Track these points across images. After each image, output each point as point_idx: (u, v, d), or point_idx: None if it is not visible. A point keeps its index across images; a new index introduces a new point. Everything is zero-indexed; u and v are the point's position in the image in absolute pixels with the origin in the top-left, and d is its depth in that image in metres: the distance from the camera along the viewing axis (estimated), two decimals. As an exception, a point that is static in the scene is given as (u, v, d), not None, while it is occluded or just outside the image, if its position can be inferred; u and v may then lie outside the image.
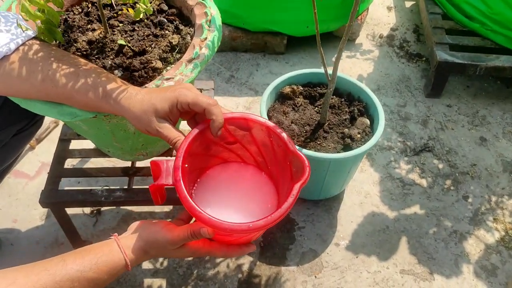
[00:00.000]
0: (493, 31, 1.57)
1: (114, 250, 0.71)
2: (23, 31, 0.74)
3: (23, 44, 0.75)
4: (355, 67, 1.79)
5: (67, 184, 1.37)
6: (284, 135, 0.74)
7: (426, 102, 1.67)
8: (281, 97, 1.32)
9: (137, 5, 0.82)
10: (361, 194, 1.41)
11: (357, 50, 1.86)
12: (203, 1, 0.97)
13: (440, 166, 1.48)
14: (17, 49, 0.74)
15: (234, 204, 0.80)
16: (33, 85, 0.73)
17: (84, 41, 0.92)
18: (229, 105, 1.65)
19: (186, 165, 0.70)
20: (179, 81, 0.83)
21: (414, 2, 2.04)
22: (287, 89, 1.32)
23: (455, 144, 1.54)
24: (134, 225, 0.78)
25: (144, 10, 0.76)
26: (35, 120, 1.05)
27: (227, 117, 0.74)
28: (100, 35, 0.94)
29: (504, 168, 1.49)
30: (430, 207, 1.39)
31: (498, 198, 1.41)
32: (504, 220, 1.36)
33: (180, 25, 0.99)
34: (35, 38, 0.78)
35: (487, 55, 1.55)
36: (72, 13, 1.00)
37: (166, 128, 0.72)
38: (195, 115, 0.75)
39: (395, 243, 1.31)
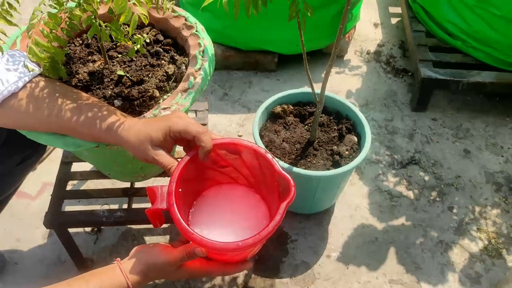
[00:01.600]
0: (474, 48, 1.65)
1: (116, 275, 0.76)
2: (29, 71, 0.79)
3: (30, 81, 0.80)
4: (344, 82, 1.86)
5: (68, 203, 1.42)
6: (269, 156, 0.80)
7: (412, 116, 1.74)
8: (272, 116, 1.38)
9: (136, 36, 0.88)
10: (351, 207, 1.47)
11: (346, 66, 1.93)
12: (196, 32, 1.03)
13: (426, 178, 1.55)
14: (24, 86, 0.80)
15: (229, 224, 0.85)
16: (39, 119, 0.79)
17: (85, 72, 0.98)
18: (223, 122, 1.71)
19: (180, 190, 0.76)
20: (175, 110, 0.89)
21: (399, 19, 2.12)
22: (278, 109, 1.38)
23: (440, 156, 1.61)
24: (134, 250, 0.83)
25: (137, 48, 0.82)
26: (38, 149, 1.10)
27: (217, 142, 0.80)
28: (100, 66, 1.00)
29: (487, 179, 1.55)
30: (417, 218, 1.45)
31: (481, 209, 1.48)
32: (487, 230, 1.42)
33: (175, 55, 1.05)
34: (40, 74, 0.83)
35: (469, 71, 1.63)
36: (73, 44, 1.06)
37: (161, 156, 0.77)
38: (188, 142, 0.81)
39: (384, 253, 1.37)
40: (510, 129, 1.70)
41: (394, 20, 2.14)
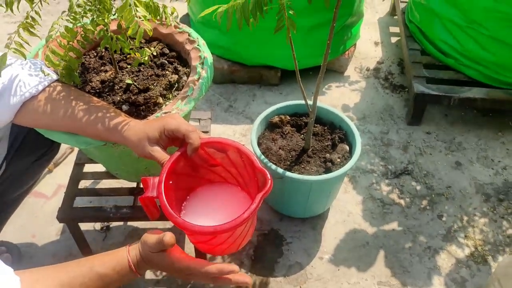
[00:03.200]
0: (465, 66, 1.74)
1: (120, 250, 0.86)
2: (45, 76, 0.91)
3: (49, 85, 0.93)
4: (343, 97, 1.96)
5: (80, 203, 1.53)
6: (251, 154, 0.89)
7: (407, 129, 1.82)
8: (270, 126, 1.48)
9: (143, 49, 1.00)
10: (344, 213, 1.56)
11: (346, 81, 2.03)
12: (198, 46, 1.15)
13: (418, 187, 1.63)
14: (43, 90, 0.92)
15: (216, 217, 0.94)
16: (55, 119, 0.91)
17: (98, 80, 1.10)
18: (227, 132, 1.82)
19: (171, 182, 0.86)
20: (172, 113, 1.00)
21: (399, 38, 2.22)
22: (276, 119, 1.48)
23: (433, 168, 1.69)
24: (143, 235, 0.92)
25: (143, 60, 0.94)
26: (53, 148, 1.22)
27: (205, 141, 0.90)
28: (111, 76, 1.12)
29: (477, 190, 1.62)
30: (407, 225, 1.52)
31: (470, 217, 1.55)
32: (474, 237, 1.49)
33: (178, 66, 1.17)
34: (58, 80, 0.96)
35: (460, 87, 1.71)
36: (88, 56, 1.18)
37: (157, 151, 0.88)
38: (181, 142, 0.91)
39: (374, 257, 1.44)
40: (502, 143, 1.77)
41: (394, 39, 2.24)
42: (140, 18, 0.85)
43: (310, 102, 1.31)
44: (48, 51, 0.84)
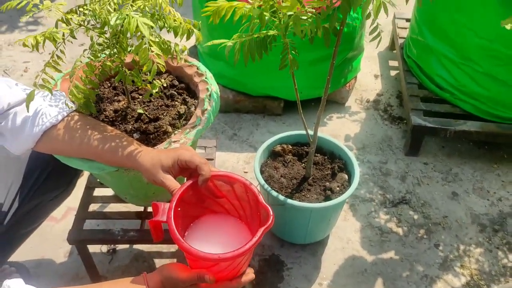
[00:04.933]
0: (461, 100, 1.81)
1: (140, 281, 0.89)
2: (68, 108, 0.99)
3: (67, 115, 1.00)
4: (344, 127, 2.03)
5: (88, 226, 1.58)
6: (256, 191, 0.95)
7: (405, 160, 1.88)
8: (273, 154, 1.55)
9: (154, 81, 1.07)
10: (344, 240, 1.60)
11: (346, 112, 2.10)
12: (205, 79, 1.23)
13: (415, 217, 1.68)
14: (62, 119, 0.99)
15: (218, 246, 0.98)
16: (72, 147, 0.98)
17: (111, 110, 1.18)
18: (231, 160, 1.88)
19: (179, 209, 0.92)
20: (183, 143, 1.07)
21: (398, 71, 2.30)
22: (278, 148, 1.55)
23: (430, 197, 1.74)
24: (160, 266, 0.95)
25: (153, 92, 1.01)
26: (69, 189, 1.29)
27: (215, 173, 0.97)
28: (124, 105, 1.20)
29: (473, 220, 1.67)
30: (404, 253, 1.57)
31: (466, 247, 1.59)
32: (470, 267, 1.53)
33: (187, 97, 1.24)
34: (75, 110, 1.03)
35: (456, 120, 1.78)
36: (103, 86, 1.26)
37: (168, 179, 0.94)
38: (191, 173, 0.98)
39: (371, 284, 1.48)
40: (497, 175, 1.83)
41: (393, 72, 2.32)
42: (153, 54, 0.92)
43: (311, 132, 1.38)
44: (72, 86, 0.91)
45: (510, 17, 1.12)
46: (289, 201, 1.35)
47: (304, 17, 1.01)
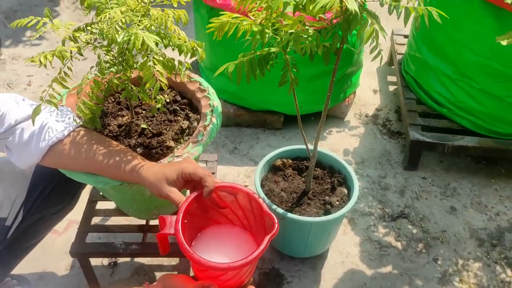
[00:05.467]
0: (458, 115, 1.84)
1: None
2: (75, 123, 1.01)
3: (73, 130, 1.02)
4: (343, 142, 2.05)
5: (90, 239, 1.60)
6: (260, 200, 0.97)
7: (404, 174, 1.90)
8: (273, 169, 1.57)
9: (158, 97, 1.09)
10: (343, 254, 1.62)
11: (346, 126, 2.13)
12: (208, 95, 1.25)
13: (414, 231, 1.69)
14: (68, 134, 1.01)
15: (225, 255, 1.01)
16: (78, 161, 1.00)
17: (115, 124, 1.20)
18: (231, 174, 1.90)
19: (186, 221, 0.94)
20: (186, 158, 1.09)
21: (396, 87, 2.34)
22: (279, 162, 1.57)
23: (428, 212, 1.76)
24: (162, 276, 0.97)
25: (158, 107, 1.04)
26: (72, 203, 1.31)
27: (219, 185, 0.99)
28: (128, 120, 1.22)
29: (471, 234, 1.69)
30: (403, 267, 1.58)
31: (464, 261, 1.60)
32: (468, 281, 1.54)
33: (189, 112, 1.27)
34: (81, 125, 1.05)
35: (453, 135, 1.81)
36: (107, 101, 1.28)
37: (173, 192, 0.96)
38: (195, 185, 1.00)
39: (371, 298, 1.49)
40: (495, 190, 1.85)
41: (391, 88, 2.36)
42: (157, 71, 0.95)
43: (311, 147, 1.40)
44: (80, 102, 0.94)
45: (505, 34, 1.15)
46: (290, 215, 1.37)
47: (305, 36, 1.04)
